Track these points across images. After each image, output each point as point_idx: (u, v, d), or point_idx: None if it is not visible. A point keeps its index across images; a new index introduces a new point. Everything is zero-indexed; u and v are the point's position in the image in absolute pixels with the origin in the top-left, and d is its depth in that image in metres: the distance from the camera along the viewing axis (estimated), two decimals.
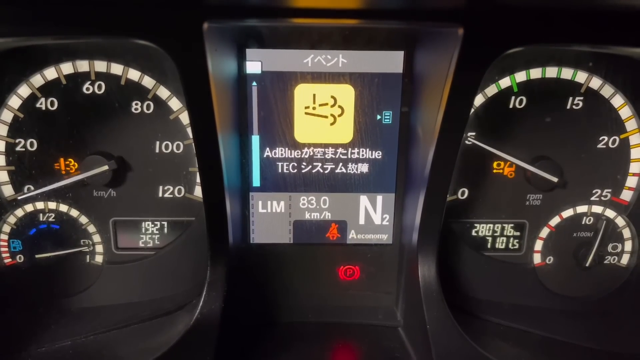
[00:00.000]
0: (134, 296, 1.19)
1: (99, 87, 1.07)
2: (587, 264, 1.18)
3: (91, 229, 1.16)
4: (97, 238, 1.17)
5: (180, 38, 0.83)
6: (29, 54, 1.05)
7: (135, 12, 0.81)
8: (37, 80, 1.07)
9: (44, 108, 1.08)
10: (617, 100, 1.12)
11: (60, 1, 0.79)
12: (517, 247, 1.22)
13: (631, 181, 1.17)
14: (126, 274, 1.18)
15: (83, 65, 1.06)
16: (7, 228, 1.14)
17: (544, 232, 1.20)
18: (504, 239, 1.21)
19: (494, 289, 1.22)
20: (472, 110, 1.11)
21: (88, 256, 1.18)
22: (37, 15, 0.82)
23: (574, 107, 1.12)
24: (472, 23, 0.80)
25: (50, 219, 1.15)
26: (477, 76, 0.86)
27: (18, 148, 1.10)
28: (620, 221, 1.19)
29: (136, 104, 1.09)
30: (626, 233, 1.20)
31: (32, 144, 1.10)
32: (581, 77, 1.10)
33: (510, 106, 1.11)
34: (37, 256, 1.15)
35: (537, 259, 1.22)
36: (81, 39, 0.99)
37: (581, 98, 1.11)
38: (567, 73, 1.10)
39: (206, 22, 0.81)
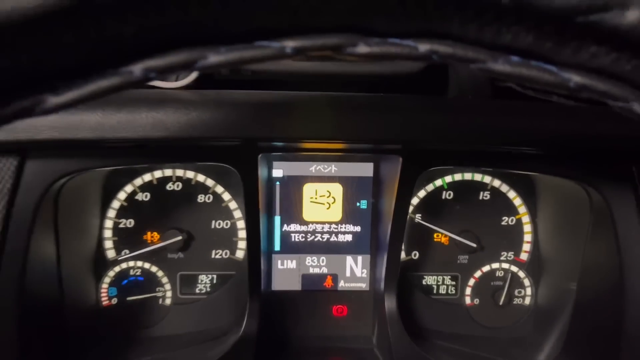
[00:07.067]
0: (192, 327, 1.67)
1: (178, 185, 1.62)
2: (501, 303, 1.70)
3: (164, 280, 1.64)
4: (168, 286, 1.65)
5: (246, 162, 1.41)
6: (136, 168, 1.62)
7: (220, 148, 1.40)
8: (138, 181, 1.63)
9: (140, 199, 1.63)
10: (511, 194, 1.69)
11: (170, 142, 1.37)
12: (454, 292, 1.73)
13: (526, 247, 1.71)
14: (187, 312, 1.66)
15: (168, 172, 1.64)
16: (107, 280, 1.66)
17: (471, 281, 1.71)
18: (445, 286, 1.73)
19: (439, 322, 1.71)
20: (418, 200, 1.70)
21: (160, 299, 1.67)
22: (146, 152, 1.38)
23: (485, 198, 1.70)
24: (407, 154, 1.41)
25: (137, 273, 1.65)
26: (411, 182, 1.45)
27: (120, 225, 1.63)
28: (521, 274, 1.72)
29: (201, 196, 1.64)
30: (526, 282, 1.72)
31: (130, 223, 1.63)
32: (487, 179, 1.69)
33: (443, 197, 1.69)
34: (127, 299, 1.68)
35: (468, 300, 1.72)
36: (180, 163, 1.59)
37: (488, 192, 1.69)
38: (478, 177, 1.69)
39: (259, 155, 1.41)
